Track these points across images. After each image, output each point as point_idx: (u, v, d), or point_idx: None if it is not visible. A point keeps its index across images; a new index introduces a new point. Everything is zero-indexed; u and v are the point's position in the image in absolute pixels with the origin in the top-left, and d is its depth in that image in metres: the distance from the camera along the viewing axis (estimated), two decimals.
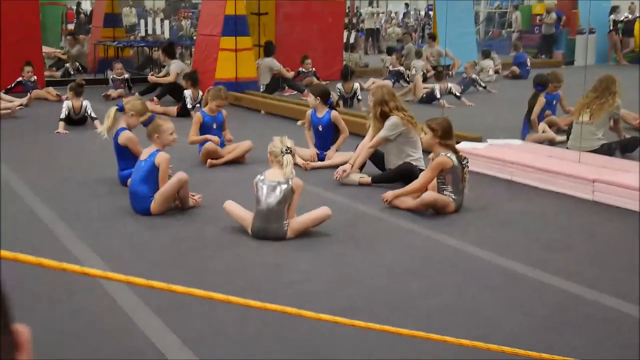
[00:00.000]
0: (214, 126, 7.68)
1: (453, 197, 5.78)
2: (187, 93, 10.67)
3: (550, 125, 9.10)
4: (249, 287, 4.18)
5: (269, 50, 13.48)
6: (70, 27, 23.68)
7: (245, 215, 5.17)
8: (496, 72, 17.37)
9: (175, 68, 12.20)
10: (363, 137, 7.10)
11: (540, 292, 4.19)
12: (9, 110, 10.47)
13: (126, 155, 6.47)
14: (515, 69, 17.43)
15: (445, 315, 3.81)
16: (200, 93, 10.38)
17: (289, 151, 5.02)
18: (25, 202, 6.13)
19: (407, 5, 33.95)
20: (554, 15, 21.87)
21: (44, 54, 18.65)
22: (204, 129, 7.63)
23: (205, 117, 7.66)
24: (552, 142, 8.66)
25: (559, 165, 6.76)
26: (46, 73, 15.11)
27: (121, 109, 6.55)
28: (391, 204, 5.89)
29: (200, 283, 4.09)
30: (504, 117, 10.54)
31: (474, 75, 14.41)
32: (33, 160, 7.90)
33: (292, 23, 15.74)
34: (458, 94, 12.75)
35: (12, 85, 12.52)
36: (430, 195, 5.71)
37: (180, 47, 17.15)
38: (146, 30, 18.78)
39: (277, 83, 13.23)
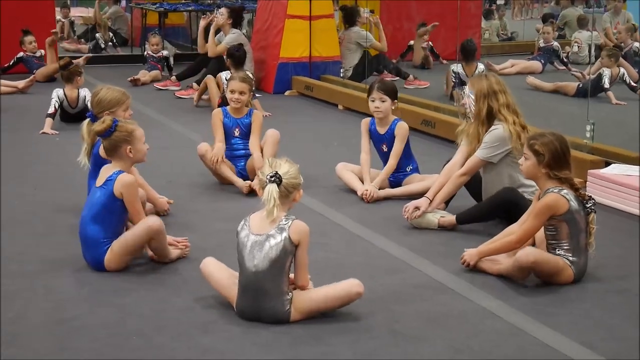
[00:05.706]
0: (236, 133, 7.13)
1: (570, 258, 4.98)
2: (224, 76, 10.01)
3: None
4: None
5: (351, 16, 12.76)
6: None
7: (228, 283, 4.55)
8: None
9: (231, 39, 11.49)
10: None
11: None
12: None
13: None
14: None
15: None
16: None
17: (274, 179, 4.30)
18: None
19: None
20: None
21: (78, 16, 18.86)
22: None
23: (225, 117, 7.14)
24: None
25: None
26: (70, 46, 15.04)
27: (93, 119, 5.94)
28: (475, 267, 5.22)
29: None
30: None
31: None
32: None
33: None
34: (634, 83, 11.73)
35: (11, 63, 12.45)
36: (529, 254, 4.90)
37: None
38: None
39: (370, 64, 12.50)
